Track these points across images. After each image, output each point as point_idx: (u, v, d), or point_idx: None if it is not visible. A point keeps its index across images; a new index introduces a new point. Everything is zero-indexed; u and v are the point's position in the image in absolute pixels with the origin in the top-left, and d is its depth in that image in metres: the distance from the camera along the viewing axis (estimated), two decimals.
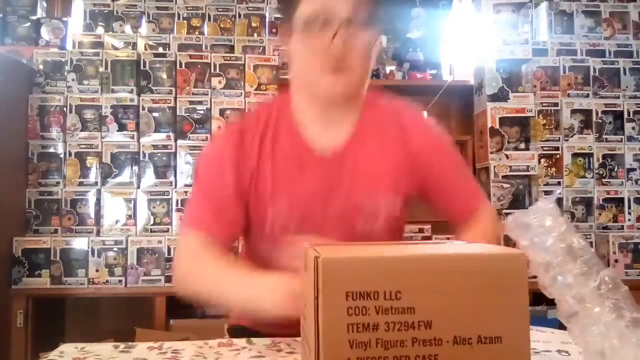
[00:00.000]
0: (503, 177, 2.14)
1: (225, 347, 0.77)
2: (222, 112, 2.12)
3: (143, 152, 2.08)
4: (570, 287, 0.51)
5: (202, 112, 2.11)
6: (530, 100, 2.18)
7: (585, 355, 0.51)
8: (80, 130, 2.08)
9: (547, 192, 2.13)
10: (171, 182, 2.08)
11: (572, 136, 2.23)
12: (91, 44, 2.25)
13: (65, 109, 2.08)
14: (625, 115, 2.25)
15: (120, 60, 2.13)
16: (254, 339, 0.80)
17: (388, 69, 2.47)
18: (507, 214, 2.07)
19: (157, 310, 1.97)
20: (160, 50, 2.24)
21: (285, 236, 0.85)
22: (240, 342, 0.79)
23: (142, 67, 2.12)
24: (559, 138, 2.24)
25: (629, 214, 2.20)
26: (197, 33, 2.35)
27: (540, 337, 0.77)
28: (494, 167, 2.14)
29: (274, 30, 2.39)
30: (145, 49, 2.24)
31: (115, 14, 2.36)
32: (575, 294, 0.51)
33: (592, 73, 2.27)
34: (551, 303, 0.55)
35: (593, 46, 2.36)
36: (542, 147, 2.22)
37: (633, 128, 2.25)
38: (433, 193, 0.99)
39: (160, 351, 0.74)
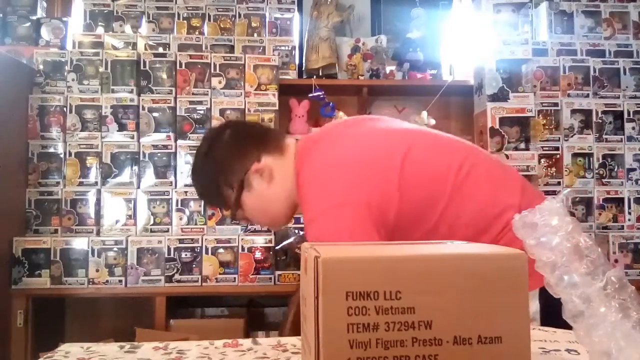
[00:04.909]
0: None
1: (231, 348, 0.77)
2: (222, 112, 2.12)
3: (143, 152, 2.08)
4: (576, 287, 0.51)
5: (202, 112, 2.11)
6: (530, 100, 2.18)
7: (590, 355, 0.51)
8: (80, 130, 2.08)
9: (547, 192, 2.13)
10: (171, 182, 2.08)
11: (572, 136, 2.24)
12: (91, 44, 2.25)
13: (65, 109, 2.08)
14: (625, 115, 2.25)
15: (120, 60, 2.13)
16: (259, 339, 0.80)
17: (388, 69, 2.47)
18: None
19: (157, 310, 1.97)
20: (160, 50, 2.24)
21: None
22: (246, 342, 0.79)
23: (142, 67, 2.12)
24: (559, 138, 2.24)
25: (629, 214, 2.20)
26: (197, 33, 2.35)
27: (547, 337, 0.77)
28: None
29: (274, 30, 2.39)
30: (145, 49, 2.24)
31: (115, 14, 2.36)
32: (581, 293, 0.51)
33: (592, 73, 2.27)
34: None
35: (593, 46, 2.36)
36: (542, 147, 2.23)
37: (633, 128, 2.25)
38: None
39: (165, 351, 0.74)
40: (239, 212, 1.16)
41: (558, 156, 2.23)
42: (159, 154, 2.09)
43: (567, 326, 0.53)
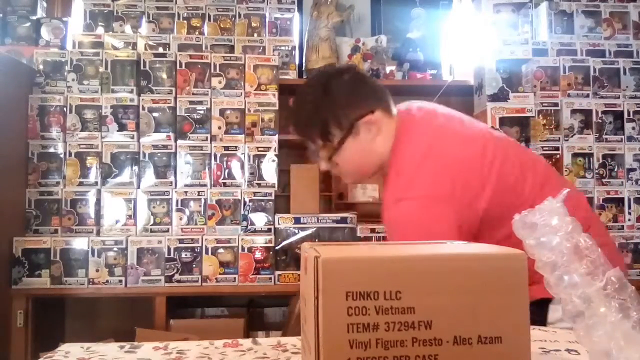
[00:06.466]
0: None
1: (231, 348, 0.77)
2: (222, 112, 2.12)
3: (143, 152, 2.08)
4: (576, 287, 0.51)
5: (202, 112, 2.11)
6: (530, 100, 2.18)
7: (590, 355, 0.51)
8: (80, 130, 2.08)
9: None
10: (171, 182, 2.08)
11: (572, 136, 2.23)
12: (91, 44, 2.25)
13: (65, 109, 2.08)
14: (625, 115, 2.25)
15: (120, 60, 2.13)
16: (259, 339, 0.80)
17: (388, 69, 2.47)
18: None
19: (157, 310, 1.98)
20: (160, 50, 2.24)
21: None
22: (246, 342, 0.79)
23: (142, 67, 2.12)
24: (559, 138, 2.24)
25: (629, 214, 2.20)
26: (197, 33, 2.35)
27: (547, 337, 0.77)
28: None
29: (274, 30, 2.39)
30: (145, 49, 2.24)
31: (115, 14, 2.36)
32: (581, 293, 0.51)
33: (592, 73, 2.27)
34: None
35: (593, 46, 2.36)
36: (542, 147, 2.22)
37: (633, 128, 2.25)
38: None
39: (165, 351, 0.74)
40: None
41: (558, 156, 2.23)
42: (159, 154, 2.09)
43: None
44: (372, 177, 1.23)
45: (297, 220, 2.06)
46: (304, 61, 2.49)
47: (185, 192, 2.07)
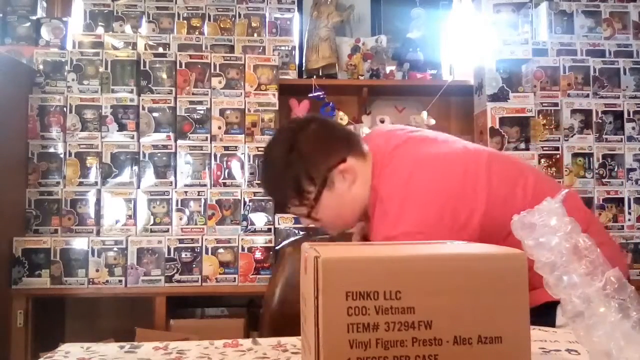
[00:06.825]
0: None
1: (231, 348, 0.77)
2: (222, 112, 2.12)
3: (143, 152, 2.08)
4: (575, 287, 0.51)
5: (202, 112, 2.11)
6: (530, 100, 2.18)
7: (590, 355, 0.51)
8: (80, 130, 2.08)
9: None
10: (171, 182, 2.08)
11: (572, 136, 2.23)
12: (91, 44, 2.25)
13: (65, 109, 2.08)
14: (625, 115, 2.25)
15: (120, 60, 2.13)
16: (259, 339, 0.80)
17: (388, 69, 2.47)
18: None
19: (157, 310, 1.98)
20: (160, 50, 2.24)
21: None
22: (246, 342, 0.79)
23: (142, 67, 2.12)
24: (559, 138, 2.24)
25: (629, 214, 2.20)
26: (197, 33, 2.35)
27: (547, 337, 0.77)
28: None
29: (273, 30, 2.39)
30: (145, 49, 2.24)
31: (115, 14, 2.36)
32: (580, 294, 0.51)
33: (592, 73, 2.27)
34: None
35: (593, 46, 2.36)
36: (542, 147, 2.23)
37: (633, 128, 2.25)
38: None
39: (165, 351, 0.74)
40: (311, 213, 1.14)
41: (558, 156, 2.23)
42: (159, 154, 2.09)
43: None
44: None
45: (297, 220, 2.06)
46: (304, 61, 2.49)
47: (185, 192, 2.07)
